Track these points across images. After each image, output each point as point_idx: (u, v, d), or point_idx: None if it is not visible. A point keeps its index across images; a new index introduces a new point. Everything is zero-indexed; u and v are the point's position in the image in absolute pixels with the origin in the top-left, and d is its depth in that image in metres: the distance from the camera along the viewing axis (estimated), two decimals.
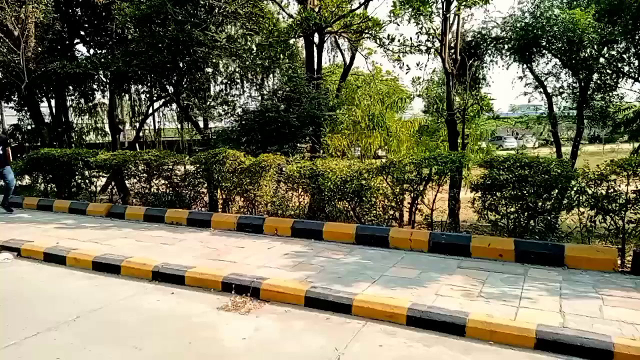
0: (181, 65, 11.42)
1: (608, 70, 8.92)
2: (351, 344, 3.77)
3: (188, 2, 10.77)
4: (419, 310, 4.10)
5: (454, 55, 9.07)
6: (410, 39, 10.16)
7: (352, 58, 13.87)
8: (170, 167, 8.85)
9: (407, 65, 12.20)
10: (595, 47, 8.48)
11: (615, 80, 9.04)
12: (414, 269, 5.33)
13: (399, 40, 10.75)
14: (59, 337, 4.01)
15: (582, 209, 5.83)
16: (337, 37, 13.33)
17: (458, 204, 7.30)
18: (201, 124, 12.84)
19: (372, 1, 11.01)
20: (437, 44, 9.04)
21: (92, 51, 14.42)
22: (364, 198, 7.19)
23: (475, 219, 6.96)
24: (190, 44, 10.53)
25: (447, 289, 4.65)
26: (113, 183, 11.99)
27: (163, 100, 14.38)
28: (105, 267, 5.77)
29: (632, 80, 8.78)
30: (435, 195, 7.00)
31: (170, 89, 12.26)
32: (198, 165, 8.48)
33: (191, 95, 11.89)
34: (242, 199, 8.21)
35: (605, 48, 8.62)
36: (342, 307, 4.36)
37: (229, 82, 13.16)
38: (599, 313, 3.99)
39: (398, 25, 10.91)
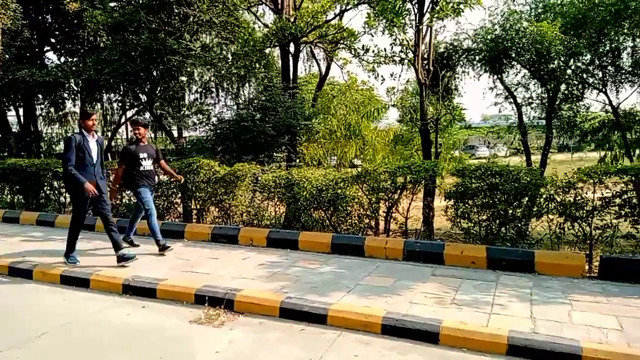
0: (155, 73, 11.28)
1: (574, 82, 9.23)
2: (326, 354, 3.74)
3: (162, 10, 10.69)
4: (393, 319, 4.11)
5: (427, 66, 9.21)
6: (385, 49, 10.31)
7: (328, 68, 14.00)
8: None
9: (382, 76, 12.41)
10: (562, 58, 8.77)
11: (581, 91, 9.36)
12: (389, 277, 5.36)
13: (373, 51, 10.90)
14: (22, 355, 3.85)
15: (551, 216, 5.98)
16: (312, 47, 13.43)
17: (432, 212, 7.39)
18: (175, 133, 12.68)
19: (347, 12, 11.13)
20: (411, 55, 9.18)
21: (62, 59, 14.13)
22: (339, 207, 7.20)
23: (449, 226, 7.06)
24: (164, 52, 10.43)
25: (421, 296, 4.69)
26: None
27: (136, 109, 14.14)
28: (74, 281, 5.59)
29: (597, 91, 9.11)
30: (410, 204, 7.07)
31: (144, 97, 12.08)
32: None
33: (165, 104, 11.74)
34: (217, 209, 8.12)
35: (572, 60, 8.92)
36: (317, 318, 4.34)
37: (204, 91, 13.06)
38: (567, 318, 4.07)
39: (372, 36, 11.09)
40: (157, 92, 11.84)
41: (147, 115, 12.25)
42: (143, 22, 10.13)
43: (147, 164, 6.66)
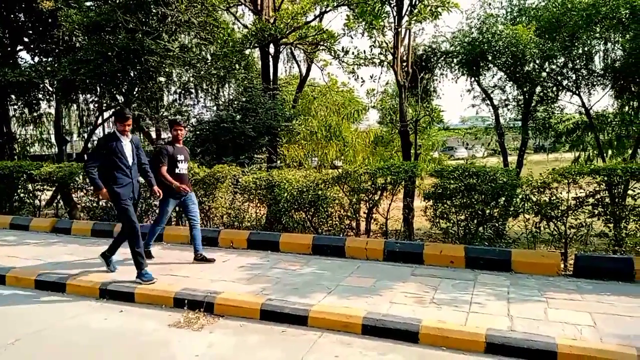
0: (132, 74, 11.11)
1: (549, 84, 9.45)
2: (307, 355, 3.74)
3: (139, 10, 10.53)
4: (373, 319, 4.13)
5: (406, 68, 9.31)
6: (364, 51, 10.38)
7: (308, 69, 13.98)
8: None
9: (362, 78, 12.44)
10: (537, 61, 8.96)
11: (555, 93, 9.59)
12: (370, 277, 5.38)
13: (353, 53, 10.95)
14: None
15: (527, 216, 6.11)
16: (293, 48, 13.40)
17: (412, 213, 7.46)
18: (154, 135, 12.49)
19: (326, 14, 11.16)
20: (390, 57, 9.26)
21: (36, 59, 13.78)
22: (320, 208, 7.21)
23: (429, 227, 7.14)
24: (141, 52, 10.27)
25: (401, 296, 4.72)
26: (59, 197, 11.42)
27: (113, 110, 13.89)
28: (49, 286, 5.46)
29: (571, 94, 9.34)
30: (390, 205, 7.13)
31: (121, 98, 11.88)
32: None
33: (143, 104, 11.57)
34: None
35: (546, 63, 9.13)
36: (298, 319, 4.33)
37: (183, 91, 12.90)
38: (544, 315, 4.16)
39: (352, 38, 11.15)
40: (135, 92, 11.66)
41: None
42: (120, 22, 9.96)
43: (183, 167, 6.16)
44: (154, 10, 10.49)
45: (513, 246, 6.16)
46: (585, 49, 8.97)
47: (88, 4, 11.69)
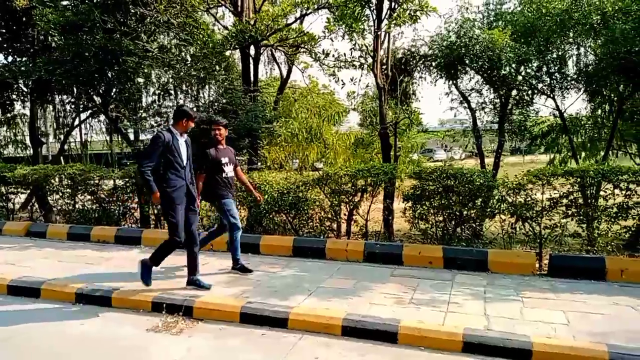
0: (110, 75, 10.93)
1: (524, 87, 9.63)
2: (287, 358, 3.74)
3: (117, 10, 10.37)
4: (353, 320, 4.16)
5: (385, 71, 9.39)
6: (345, 54, 10.43)
7: (289, 71, 13.98)
8: (97, 181, 8.41)
9: (342, 80, 12.50)
10: (513, 65, 9.14)
11: (531, 96, 9.78)
12: (350, 279, 5.42)
13: (333, 56, 10.99)
14: None
15: (503, 217, 6.23)
16: (273, 50, 13.38)
17: (392, 214, 7.53)
18: (132, 136, 12.30)
19: (307, 16, 11.19)
20: (370, 60, 9.33)
21: (10, 58, 13.44)
22: (301, 210, 7.22)
23: (408, 228, 7.22)
24: (119, 53, 10.12)
25: (381, 297, 4.77)
26: (34, 200, 11.16)
27: (90, 111, 13.65)
28: (23, 291, 5.34)
29: (545, 97, 9.54)
30: (370, 206, 7.18)
31: (98, 99, 11.68)
32: (127, 180, 8.13)
33: (121, 106, 11.38)
34: None
35: (522, 67, 9.31)
36: (278, 322, 4.33)
37: (162, 92, 12.74)
38: (519, 315, 4.25)
39: (332, 41, 11.15)
40: (113, 94, 11.47)
41: (102, 117, 11.86)
42: (97, 22, 9.80)
43: (229, 170, 5.65)
44: (133, 11, 10.35)
45: (490, 246, 6.27)
46: (559, 53, 9.18)
47: (64, 3, 11.44)
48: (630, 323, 4.02)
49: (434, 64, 10.15)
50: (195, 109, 11.21)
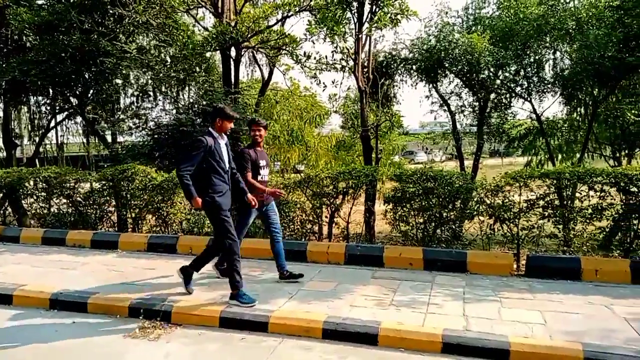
0: (87, 76, 10.74)
1: (503, 91, 9.81)
2: None
3: (95, 10, 10.20)
4: (334, 322, 4.15)
5: (367, 74, 9.43)
6: (326, 57, 10.44)
7: (271, 73, 13.92)
8: (73, 185, 8.23)
9: (324, 83, 12.53)
10: (491, 69, 9.30)
11: (509, 99, 9.97)
12: (331, 281, 5.41)
13: (315, 58, 10.98)
14: None
15: (482, 218, 6.31)
16: (254, 52, 13.32)
17: (373, 216, 7.55)
18: (109, 138, 12.10)
19: (288, 19, 11.16)
20: (351, 63, 9.35)
21: None
22: (282, 213, 7.18)
23: (389, 230, 7.25)
24: (97, 54, 9.95)
25: (362, 299, 4.77)
26: (7, 203, 10.85)
27: (67, 112, 13.36)
28: None
29: (523, 100, 9.73)
30: (351, 208, 7.19)
31: (75, 100, 11.45)
32: (104, 183, 7.98)
33: (98, 107, 11.19)
34: (154, 218, 7.83)
35: (500, 70, 9.48)
36: (259, 326, 4.30)
37: (140, 94, 12.57)
38: (497, 315, 4.30)
39: (314, 43, 11.16)
40: (90, 95, 11.27)
41: (79, 119, 11.63)
42: (74, 22, 9.61)
43: (265, 174, 5.44)
44: (111, 11, 10.19)
45: (469, 248, 6.34)
46: (536, 57, 9.36)
47: (39, 2, 11.21)
48: (604, 322, 4.10)
49: (414, 67, 10.25)
50: (174, 111, 11.13)
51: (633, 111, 9.05)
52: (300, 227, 7.28)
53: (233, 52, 10.91)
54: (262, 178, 5.35)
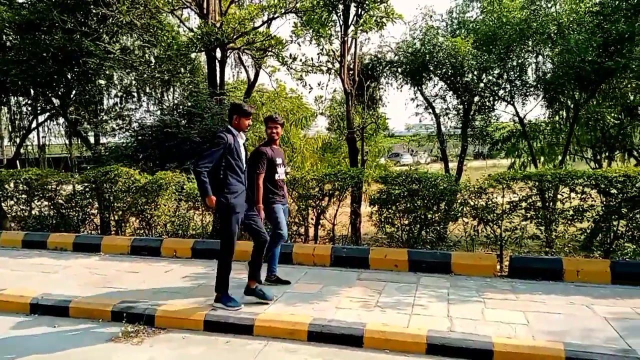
0: (69, 76, 10.59)
1: (486, 94, 9.95)
2: None
3: (78, 10, 10.07)
4: (319, 325, 4.15)
5: (352, 76, 9.46)
6: (312, 59, 10.47)
7: (256, 75, 13.90)
8: (54, 186, 8.09)
9: (310, 85, 12.61)
10: (475, 72, 9.42)
11: (492, 102, 10.12)
12: (317, 283, 5.40)
13: (301, 60, 11.01)
14: None
15: (466, 219, 6.37)
16: (240, 53, 13.28)
17: (359, 218, 7.57)
18: (92, 140, 11.94)
19: (274, 20, 11.16)
20: (337, 65, 9.38)
21: None
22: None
23: (375, 231, 7.28)
24: (79, 54, 9.82)
25: (347, 301, 4.77)
26: None
27: (48, 113, 13.15)
28: None
29: (506, 103, 9.88)
30: (337, 210, 7.20)
31: (57, 101, 11.28)
32: (87, 185, 7.86)
33: (81, 108, 11.04)
34: (138, 220, 7.74)
35: (483, 74, 9.62)
36: (243, 329, 4.27)
37: (124, 95, 12.44)
38: (481, 315, 4.34)
39: (300, 45, 11.17)
40: (72, 95, 11.11)
41: (61, 120, 11.45)
42: (56, 22, 9.48)
43: (282, 172, 5.25)
44: (94, 11, 10.07)
45: (454, 249, 6.40)
46: (519, 61, 9.52)
47: (20, 0, 11.02)
48: (585, 321, 4.17)
49: (399, 70, 10.34)
50: (158, 112, 11.04)
51: (612, 114, 9.26)
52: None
53: (218, 54, 10.87)
54: (278, 176, 5.19)
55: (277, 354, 3.87)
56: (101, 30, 10.33)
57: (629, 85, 8.17)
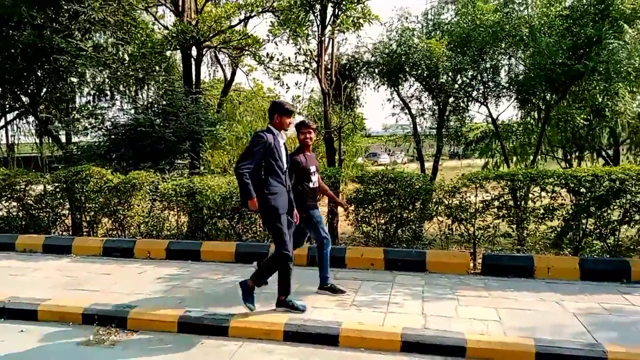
0: (39, 73, 10.29)
1: (460, 95, 10.11)
2: None
3: (48, 5, 9.79)
4: (295, 324, 4.14)
5: (330, 77, 9.48)
6: (289, 58, 10.46)
7: (233, 74, 13.80)
8: (23, 187, 7.86)
9: (287, 84, 12.54)
10: (450, 74, 9.56)
11: (466, 103, 10.29)
12: (293, 283, 5.34)
13: (278, 59, 11.00)
14: None
15: (440, 218, 6.46)
16: (217, 52, 13.16)
17: (336, 218, 7.59)
18: (64, 139, 11.63)
19: (251, 19, 11.11)
20: (314, 65, 9.39)
21: None
22: (244, 215, 7.12)
23: (352, 231, 7.31)
24: (50, 51, 9.55)
25: (323, 300, 4.78)
26: None
27: (17, 111, 12.76)
28: None
29: (480, 104, 10.06)
30: None
31: (26, 99, 10.96)
32: (58, 185, 7.66)
33: (52, 106, 10.74)
34: (111, 221, 7.58)
35: (458, 75, 9.76)
36: (218, 330, 4.23)
37: (97, 93, 12.15)
38: (455, 313, 4.41)
39: (277, 44, 11.18)
40: (42, 93, 10.81)
41: (31, 118, 11.12)
42: (25, 17, 9.19)
43: (316, 180, 5.00)
44: (65, 7, 9.80)
45: (429, 247, 6.48)
46: (492, 63, 9.69)
47: None
48: (555, 317, 4.28)
49: (376, 70, 10.40)
50: (132, 111, 10.83)
51: (582, 115, 9.51)
52: (263, 229, 7.22)
53: (194, 52, 10.74)
54: (313, 185, 4.96)
55: (253, 355, 3.85)
56: (73, 27, 10.06)
57: (597, 88, 8.39)
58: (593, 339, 3.78)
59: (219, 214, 7.14)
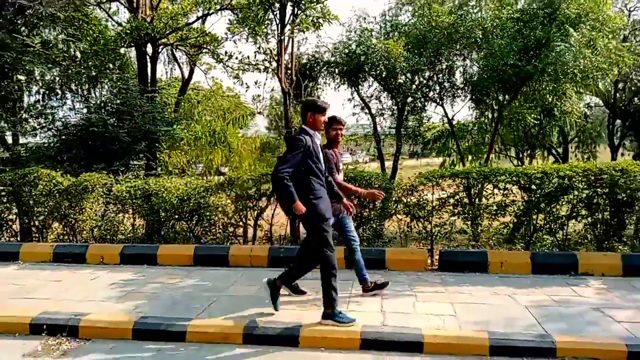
0: None
1: (418, 95, 10.33)
2: None
3: None
4: (254, 327, 4.10)
5: (290, 76, 9.46)
6: (249, 57, 10.36)
7: (191, 72, 13.55)
8: None
9: (247, 83, 12.44)
10: (408, 74, 9.74)
11: (423, 103, 10.53)
12: (254, 285, 5.33)
13: (237, 58, 10.87)
14: None
15: (399, 216, 6.56)
16: (174, 49, 12.87)
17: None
18: (10, 140, 11.05)
19: (209, 17, 10.93)
20: (274, 64, 9.34)
21: None
22: (203, 217, 6.99)
23: None
24: None
25: (285, 301, 4.75)
26: None
27: None
28: None
29: (436, 104, 10.32)
30: (274, 210, 7.15)
31: None
32: (3, 188, 7.26)
33: None
34: (61, 225, 7.26)
35: (415, 76, 9.97)
36: (175, 335, 4.12)
37: (47, 92, 11.62)
38: (412, 309, 4.49)
39: (236, 43, 11.04)
40: None
41: None
42: None
43: (341, 176, 4.94)
44: (10, 1, 9.31)
45: (389, 245, 6.56)
46: (448, 64, 9.97)
47: None
48: (508, 310, 4.43)
49: (336, 70, 10.46)
50: (84, 110, 10.42)
51: (533, 115, 9.92)
52: (222, 231, 7.12)
53: (149, 49, 10.46)
54: (339, 181, 4.89)
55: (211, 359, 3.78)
56: (19, 22, 9.59)
57: (546, 88, 8.76)
58: (543, 330, 3.94)
59: (176, 216, 6.98)
